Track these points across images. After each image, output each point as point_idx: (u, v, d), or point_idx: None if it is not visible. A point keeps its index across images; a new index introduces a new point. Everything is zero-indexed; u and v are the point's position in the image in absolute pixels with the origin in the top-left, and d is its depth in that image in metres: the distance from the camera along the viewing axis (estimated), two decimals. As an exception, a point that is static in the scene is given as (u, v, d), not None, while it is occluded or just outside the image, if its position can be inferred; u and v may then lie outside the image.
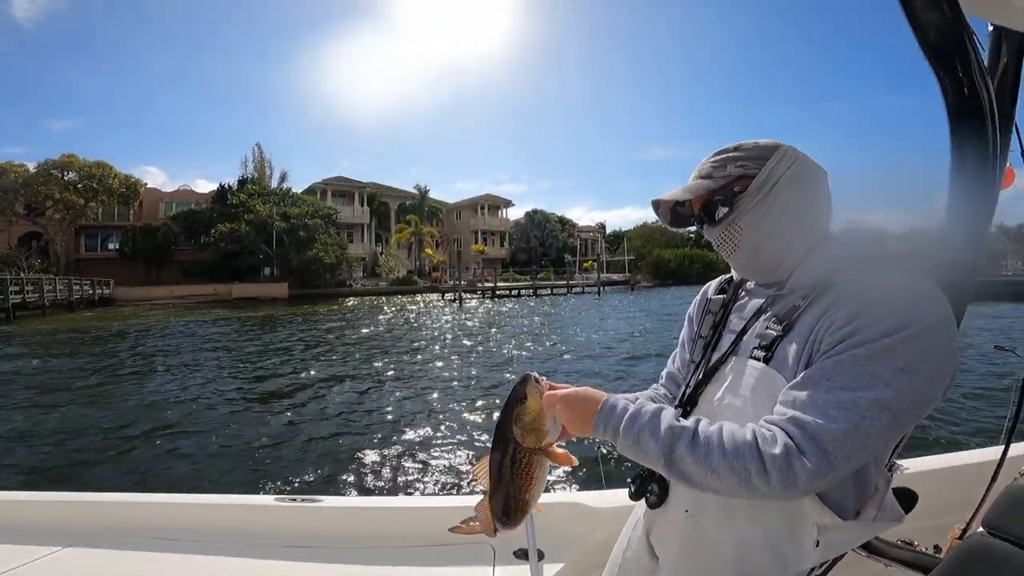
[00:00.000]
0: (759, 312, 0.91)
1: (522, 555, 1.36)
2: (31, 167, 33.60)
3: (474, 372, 8.42)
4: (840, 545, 0.85)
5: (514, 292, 38.88)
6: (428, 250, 45.83)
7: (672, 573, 0.96)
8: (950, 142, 0.96)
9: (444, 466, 4.23)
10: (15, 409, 6.61)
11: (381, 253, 46.27)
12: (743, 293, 1.00)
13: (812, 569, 0.86)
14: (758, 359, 0.85)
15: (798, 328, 0.81)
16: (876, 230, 0.87)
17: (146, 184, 39.50)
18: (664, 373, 1.18)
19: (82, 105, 79.02)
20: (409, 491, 3.77)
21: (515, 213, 57.69)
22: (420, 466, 4.25)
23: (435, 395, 6.86)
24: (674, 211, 0.96)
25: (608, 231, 65.09)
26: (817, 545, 0.83)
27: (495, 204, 55.17)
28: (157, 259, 38.03)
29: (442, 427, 5.33)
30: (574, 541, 1.42)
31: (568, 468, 0.97)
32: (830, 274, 0.82)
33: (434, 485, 3.88)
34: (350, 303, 29.66)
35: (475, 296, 35.56)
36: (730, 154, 0.88)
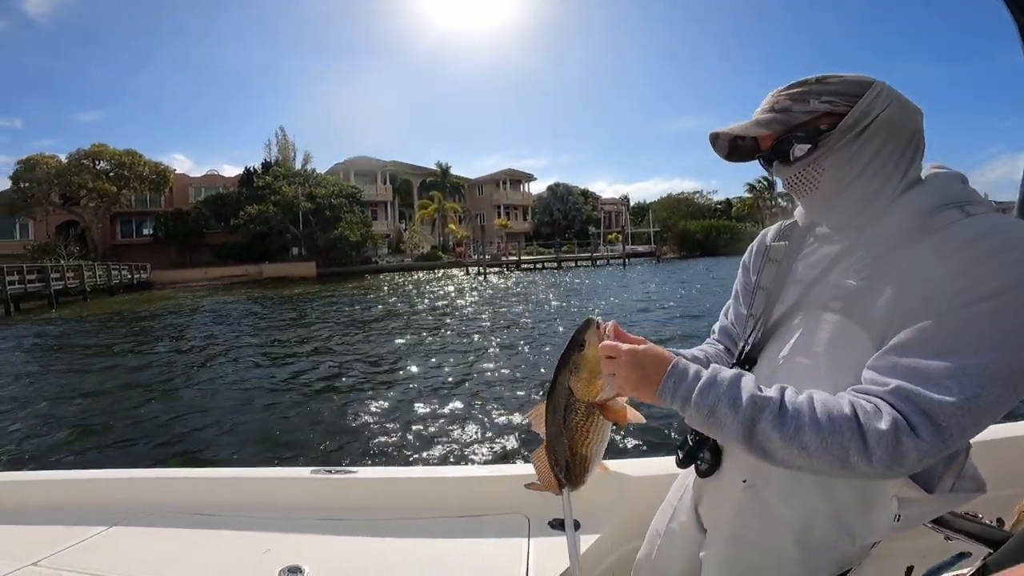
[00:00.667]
0: (835, 261, 0.82)
1: (558, 525, 1.35)
2: (63, 158, 34.67)
3: (502, 341, 8.47)
4: (919, 518, 0.79)
5: (538, 265, 38.78)
6: (451, 225, 45.95)
7: (724, 546, 0.90)
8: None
9: (477, 436, 4.28)
10: (61, 390, 6.93)
11: (405, 230, 46.58)
12: (811, 239, 0.90)
13: (877, 543, 0.81)
14: (835, 312, 0.77)
15: (885, 280, 0.72)
16: (963, 176, 0.78)
17: (175, 170, 40.39)
18: (717, 327, 1.10)
19: (106, 96, 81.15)
20: (441, 461, 3.83)
21: (537, 187, 57.29)
22: (453, 436, 4.31)
23: (465, 366, 6.93)
24: (733, 144, 0.86)
25: (632, 203, 64.05)
26: (898, 520, 0.76)
27: (517, 179, 54.76)
28: (189, 242, 39.11)
29: (474, 397, 5.39)
30: (611, 511, 1.40)
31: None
32: (924, 220, 0.72)
33: (467, 455, 3.94)
34: (379, 279, 30.10)
35: (499, 269, 35.61)
36: (812, 87, 0.77)
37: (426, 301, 17.45)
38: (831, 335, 0.77)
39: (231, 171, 48.10)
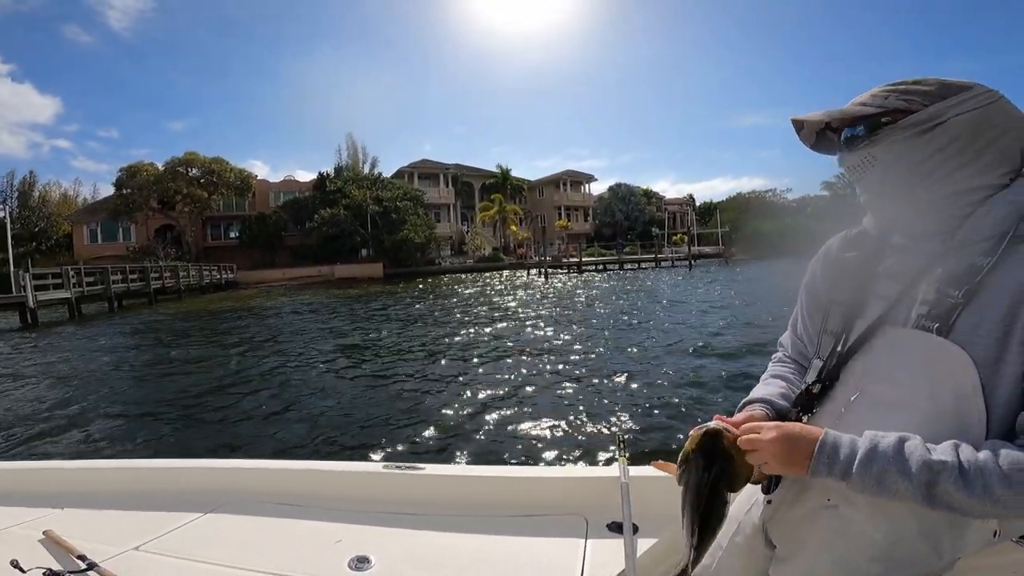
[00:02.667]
0: (922, 272, 0.77)
1: (616, 528, 1.36)
2: (160, 166, 37.87)
3: (565, 344, 8.47)
4: (1014, 532, 0.76)
5: (599, 266, 38.29)
6: (512, 227, 46.26)
7: (800, 564, 0.87)
8: None
9: (540, 437, 4.32)
10: (157, 380, 7.63)
11: (467, 231, 47.39)
12: (888, 249, 0.85)
13: (960, 556, 0.78)
14: (929, 330, 0.73)
15: (987, 293, 0.68)
16: None
17: (256, 176, 43.30)
18: (787, 343, 1.07)
19: (189, 105, 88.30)
20: (504, 461, 3.90)
21: (598, 188, 56.56)
22: (516, 437, 4.37)
23: (529, 369, 6.99)
24: (821, 133, 0.84)
25: (698, 203, 61.88)
26: (996, 535, 0.74)
27: (577, 180, 54.33)
28: (270, 244, 41.63)
29: (538, 400, 5.43)
30: (670, 517, 1.39)
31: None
32: (1021, 224, 0.68)
33: (529, 455, 3.99)
34: (443, 280, 30.85)
35: (561, 271, 35.49)
36: (901, 86, 0.76)
37: (491, 302, 17.68)
38: (924, 354, 0.73)
39: (303, 176, 51.13)
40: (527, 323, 11.79)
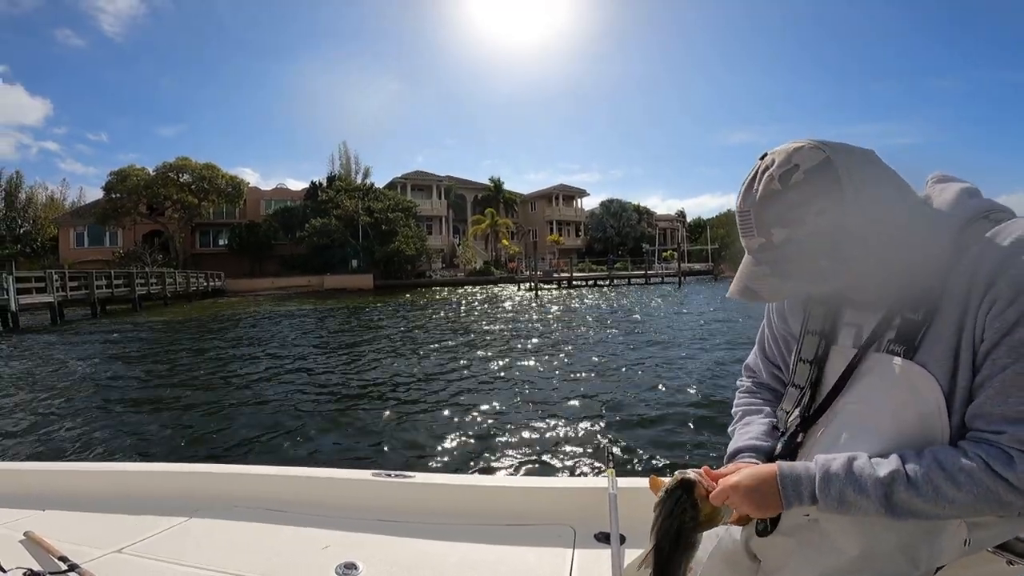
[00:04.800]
0: (887, 299, 0.81)
1: (603, 538, 1.37)
2: (151, 171, 37.56)
3: (555, 356, 8.48)
4: (987, 541, 0.79)
5: (590, 282, 38.46)
6: (504, 241, 46.42)
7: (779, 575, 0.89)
8: None
9: (528, 448, 4.31)
10: (139, 386, 7.51)
11: (459, 244, 47.45)
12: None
13: (941, 568, 0.80)
14: (897, 353, 0.76)
15: (942, 313, 0.72)
16: (973, 187, 0.77)
17: (248, 183, 43.13)
18: (757, 367, 1.08)
19: (181, 112, 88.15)
20: (493, 471, 3.89)
21: (590, 203, 57.01)
22: (505, 447, 4.35)
23: (520, 378, 6.99)
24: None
25: (688, 220, 62.57)
26: (967, 544, 0.77)
27: (569, 194, 54.77)
28: (260, 253, 41.36)
29: (526, 411, 5.42)
30: None
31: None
32: (956, 242, 0.72)
33: (517, 466, 3.98)
34: (433, 292, 30.79)
35: (551, 286, 35.59)
36: (786, 195, 0.72)
37: (480, 315, 17.67)
38: (895, 377, 0.76)
39: (295, 184, 51.03)
40: (516, 338, 11.80)
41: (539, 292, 29.64)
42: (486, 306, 21.28)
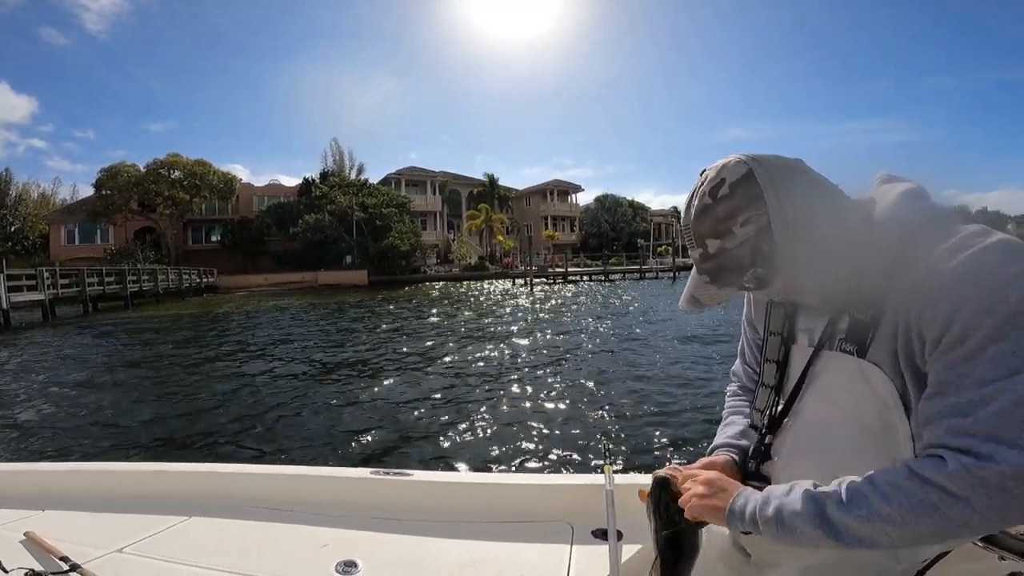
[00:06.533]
0: (838, 300, 0.82)
1: (600, 535, 1.38)
2: (141, 167, 37.20)
3: (551, 353, 8.50)
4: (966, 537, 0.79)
5: (584, 277, 38.51)
6: (499, 236, 46.35)
7: (767, 569, 0.91)
8: None
9: (526, 445, 4.33)
10: (134, 385, 7.48)
11: (453, 240, 47.35)
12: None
13: (925, 561, 0.82)
14: (849, 352, 0.79)
15: (888, 314, 0.73)
16: (917, 188, 0.78)
17: (240, 180, 42.77)
18: (739, 372, 1.12)
19: (170, 108, 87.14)
20: (491, 468, 3.91)
21: (584, 198, 57.02)
22: (503, 444, 4.37)
23: (515, 374, 7.00)
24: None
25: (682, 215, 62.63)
26: None
27: (564, 190, 54.73)
28: (253, 249, 41.13)
29: (523, 408, 5.44)
30: None
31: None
32: (897, 247, 0.73)
33: (515, 463, 4.00)
34: (429, 287, 30.72)
35: (546, 281, 35.60)
36: (717, 208, 0.75)
37: (475, 310, 17.67)
38: (850, 375, 0.78)
39: (287, 181, 50.64)
40: (510, 334, 11.81)
41: (534, 287, 29.65)
42: (481, 301, 21.27)
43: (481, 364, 8.05)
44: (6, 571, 1.17)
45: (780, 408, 0.91)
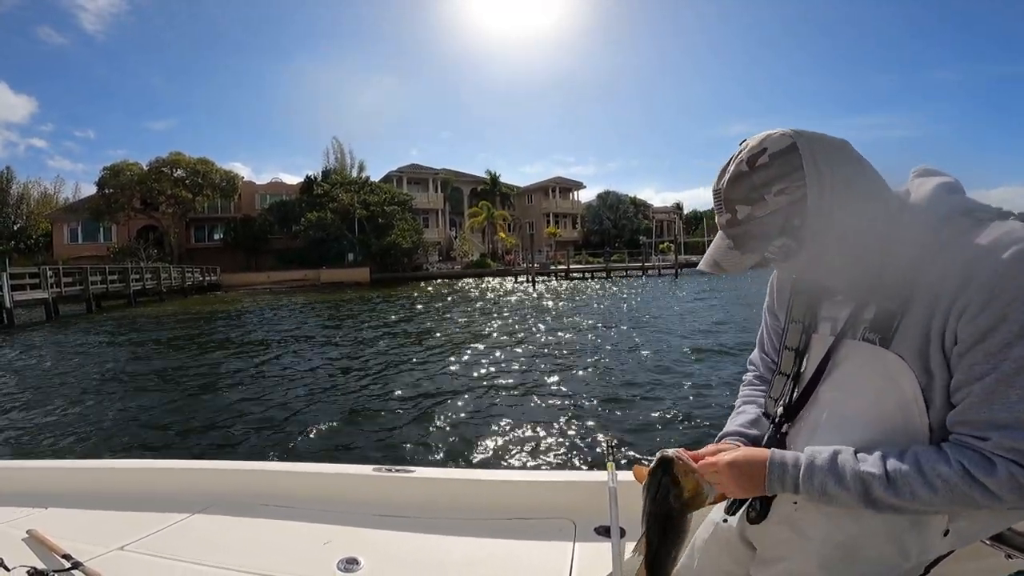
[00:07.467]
0: (864, 288, 0.82)
1: (603, 532, 1.38)
2: (144, 165, 37.28)
3: (554, 351, 8.50)
4: (971, 534, 0.80)
5: (587, 274, 38.50)
6: (501, 233, 46.31)
7: (778, 567, 0.90)
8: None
9: (529, 442, 4.33)
10: (136, 382, 7.50)
11: (455, 237, 47.35)
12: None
13: (938, 559, 0.82)
14: (872, 341, 0.78)
15: (916, 305, 0.73)
16: (953, 182, 0.78)
17: (243, 178, 42.84)
18: (757, 361, 1.11)
19: (171, 107, 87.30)
20: (494, 465, 3.90)
21: (586, 195, 56.93)
22: (506, 442, 4.37)
23: (519, 371, 7.00)
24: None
25: (684, 212, 62.56)
26: (946, 534, 0.78)
27: (566, 187, 54.65)
28: (255, 247, 41.17)
29: (526, 405, 5.44)
30: None
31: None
32: (935, 236, 0.73)
33: (518, 460, 3.99)
34: (431, 285, 30.75)
35: (548, 278, 35.58)
36: (753, 177, 0.75)
37: (478, 307, 17.67)
38: (871, 365, 0.78)
39: (288, 179, 50.54)
40: (515, 331, 11.81)
41: (536, 284, 29.65)
42: (484, 298, 21.27)
43: (483, 361, 8.05)
44: (8, 569, 1.17)
45: (797, 397, 0.90)
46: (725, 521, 1.03)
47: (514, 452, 4.15)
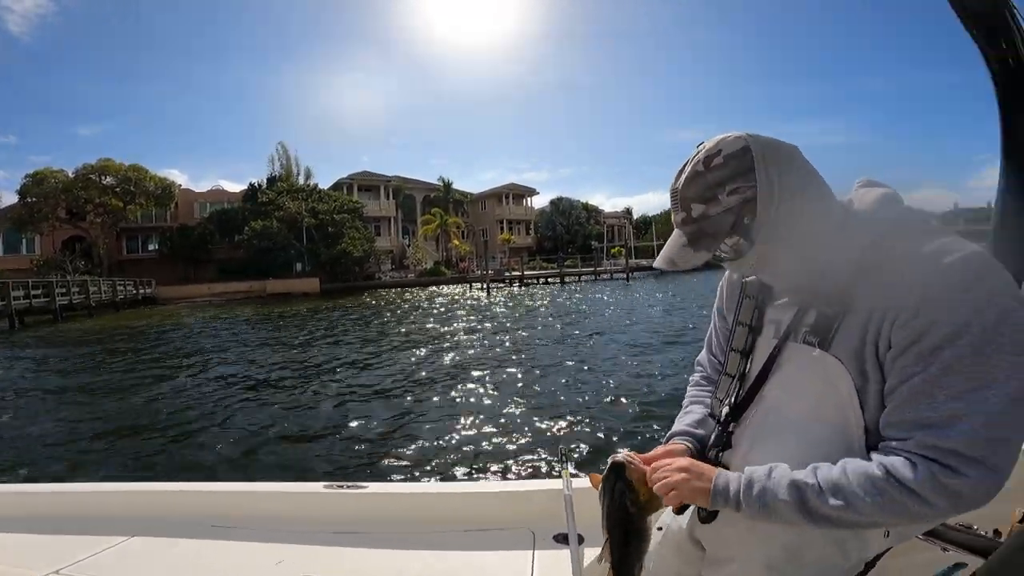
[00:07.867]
0: (806, 292, 0.86)
1: (562, 539, 1.38)
2: (70, 173, 35.01)
3: (506, 359, 8.49)
4: (910, 531, 0.84)
5: (541, 280, 38.86)
6: (455, 241, 46.10)
7: (726, 567, 0.92)
8: (1000, 116, 0.92)
9: (484, 453, 4.30)
10: (67, 404, 6.98)
11: (408, 245, 46.78)
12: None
13: (876, 556, 0.85)
14: (812, 344, 0.81)
15: (854, 310, 0.77)
16: (894, 193, 0.83)
17: (180, 186, 40.79)
18: (704, 362, 1.14)
19: (101, 112, 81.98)
20: (449, 477, 3.85)
21: (540, 201, 57.51)
22: (460, 453, 4.33)
23: (471, 380, 6.95)
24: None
25: (634, 217, 64.28)
26: (887, 535, 0.81)
27: (519, 193, 55.05)
28: (194, 258, 39.28)
29: (480, 415, 5.40)
30: None
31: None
32: (872, 248, 0.77)
33: (474, 471, 3.96)
34: (382, 295, 30.18)
35: (503, 284, 35.67)
36: (708, 176, 0.79)
37: (431, 317, 17.48)
38: (811, 368, 0.81)
39: (229, 186, 48.47)
40: (466, 340, 11.76)
41: (491, 291, 29.66)
42: (436, 307, 21.08)
43: (436, 372, 7.96)
44: None
45: (742, 397, 0.93)
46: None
47: (469, 464, 4.12)
